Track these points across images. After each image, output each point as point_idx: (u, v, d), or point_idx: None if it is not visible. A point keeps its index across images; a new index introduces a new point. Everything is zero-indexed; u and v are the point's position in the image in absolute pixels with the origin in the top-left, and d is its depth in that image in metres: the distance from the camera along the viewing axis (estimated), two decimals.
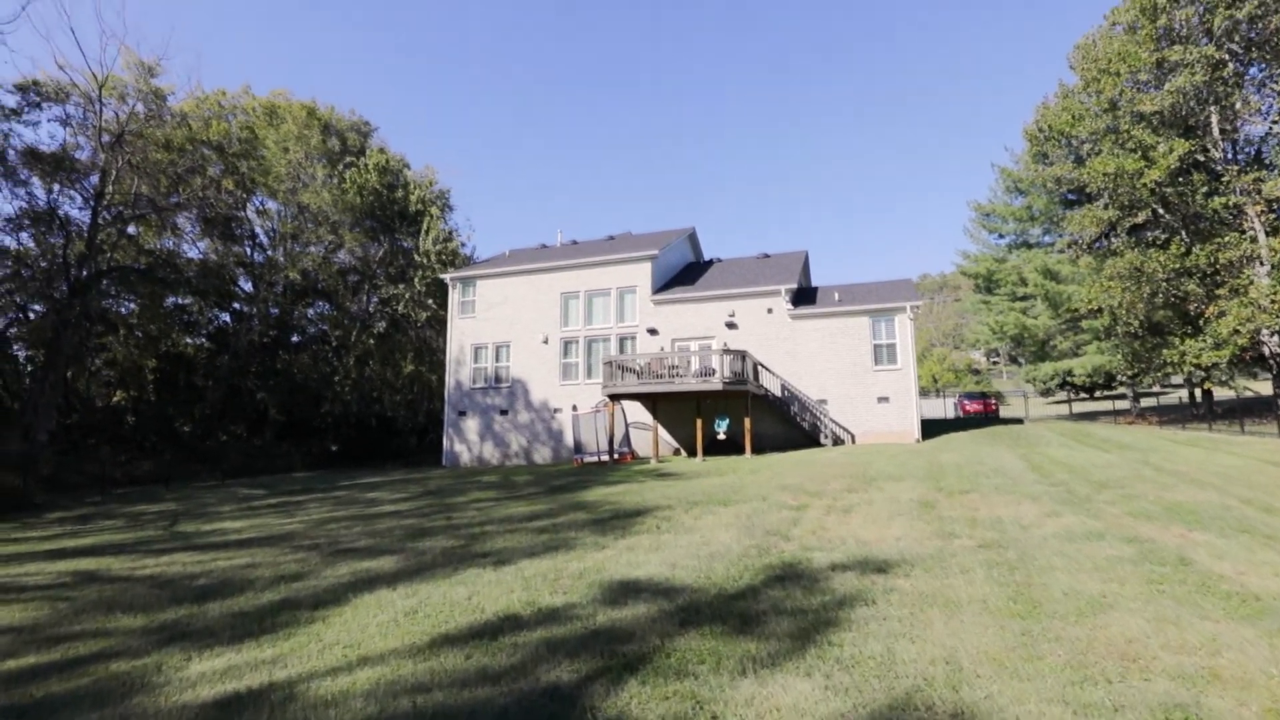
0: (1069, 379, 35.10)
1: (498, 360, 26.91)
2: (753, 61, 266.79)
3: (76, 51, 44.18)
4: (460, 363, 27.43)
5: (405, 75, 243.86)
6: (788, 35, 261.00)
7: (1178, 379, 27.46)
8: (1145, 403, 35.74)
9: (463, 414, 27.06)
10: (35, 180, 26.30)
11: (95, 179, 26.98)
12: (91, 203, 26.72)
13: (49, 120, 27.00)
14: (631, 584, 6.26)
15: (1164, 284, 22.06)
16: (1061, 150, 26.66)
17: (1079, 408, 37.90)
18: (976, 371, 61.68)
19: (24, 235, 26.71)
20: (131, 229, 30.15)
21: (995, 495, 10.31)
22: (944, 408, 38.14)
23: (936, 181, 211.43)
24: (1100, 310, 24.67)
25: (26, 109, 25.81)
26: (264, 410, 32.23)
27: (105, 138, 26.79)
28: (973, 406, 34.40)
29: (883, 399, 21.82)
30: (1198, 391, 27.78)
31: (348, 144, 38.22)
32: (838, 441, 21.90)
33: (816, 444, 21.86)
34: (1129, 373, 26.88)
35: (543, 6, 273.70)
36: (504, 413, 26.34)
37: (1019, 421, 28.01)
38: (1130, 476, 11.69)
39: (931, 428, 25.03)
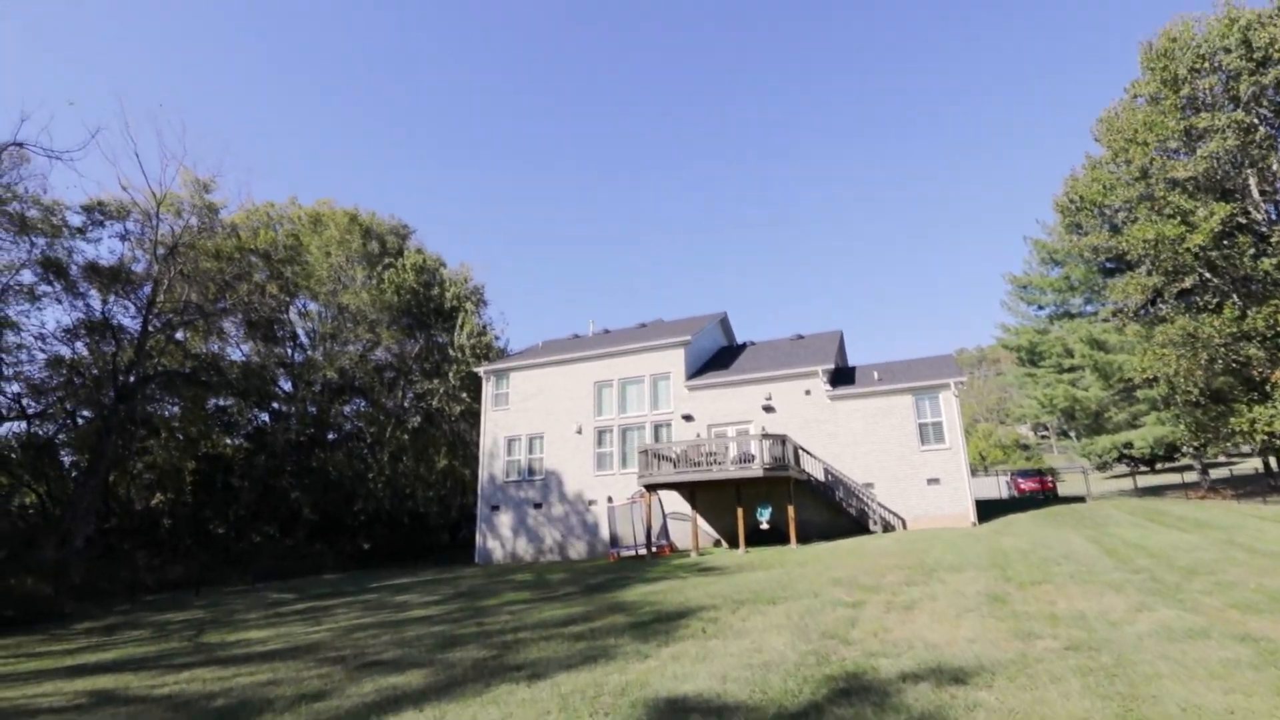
0: (1128, 452, 33.24)
1: (531, 452, 26.59)
2: (776, 145, 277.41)
3: (139, 173, 47.75)
4: (494, 455, 27.17)
5: (437, 167, 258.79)
6: (810, 115, 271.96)
7: (1247, 447, 25.76)
8: (1216, 474, 33.52)
9: (496, 508, 26.53)
10: (93, 292, 27.78)
11: (148, 289, 28.37)
12: (143, 311, 27.98)
13: (109, 236, 28.69)
14: (679, 701, 5.62)
15: (1221, 349, 21.06)
16: (1095, 220, 26.36)
17: (1143, 481, 35.65)
18: (1025, 447, 59.15)
19: (78, 345, 27.92)
20: (179, 335, 31.38)
21: (1072, 586, 9.39)
22: (997, 487, 36.20)
23: (964, 256, 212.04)
24: (1155, 379, 23.58)
25: (90, 227, 27.65)
26: (297, 509, 32.14)
27: (160, 250, 28.36)
28: (1028, 485, 32.58)
29: (933, 480, 20.76)
30: (1273, 460, 25.95)
31: (386, 246, 39.85)
32: (888, 528, 20.73)
33: (865, 531, 20.72)
34: (1194, 443, 25.35)
35: (564, 93, 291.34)
36: (537, 506, 25.76)
37: (1080, 500, 26.38)
38: (1220, 560, 10.63)
39: (986, 509, 23.66)
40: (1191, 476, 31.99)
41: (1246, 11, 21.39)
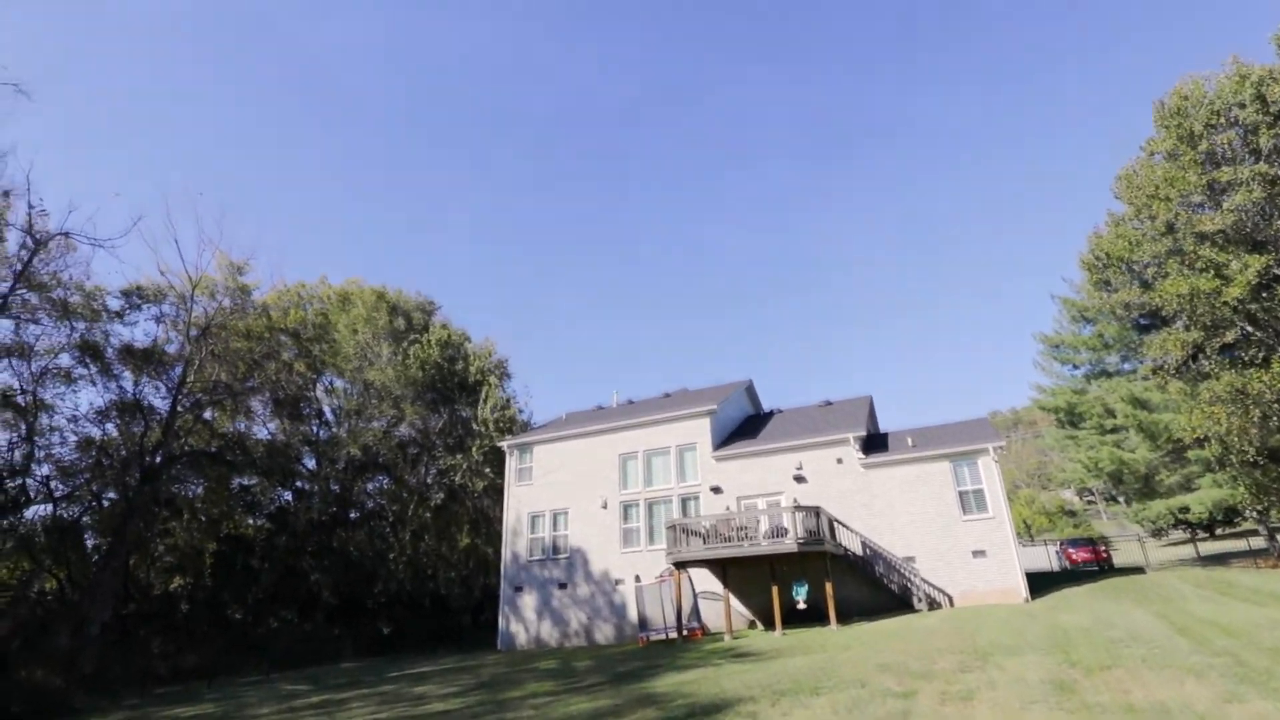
0: (1184, 517, 31.38)
1: (555, 529, 25.84)
2: (794, 218, 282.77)
3: (176, 257, 50.00)
4: (517, 533, 26.45)
5: (464, 243, 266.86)
6: (828, 181, 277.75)
7: None
8: None
9: (519, 589, 25.59)
10: (126, 373, 28.37)
11: (179, 369, 28.90)
12: (173, 392, 28.41)
13: (145, 319, 29.51)
14: None
15: (1275, 405, 20.03)
16: (1124, 276, 25.81)
17: (1205, 548, 33.35)
18: (1072, 513, 56.31)
19: (109, 426, 28.28)
20: (207, 414, 31.70)
21: (1146, 671, 8.49)
22: (1047, 558, 34.09)
23: (989, 316, 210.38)
24: (1206, 439, 22.43)
25: (128, 311, 28.58)
26: (317, 592, 31.41)
27: (193, 331, 29.03)
28: (1080, 555, 30.64)
29: (978, 553, 19.60)
30: None
31: (413, 322, 40.45)
32: (934, 605, 19.45)
33: (909, 608, 19.46)
34: (1257, 507, 23.86)
35: (587, 167, 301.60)
36: (562, 586, 24.79)
37: (1139, 570, 24.67)
38: None
39: (1037, 582, 22.18)
40: (1258, 542, 30.00)
41: (1257, 68, 21.45)
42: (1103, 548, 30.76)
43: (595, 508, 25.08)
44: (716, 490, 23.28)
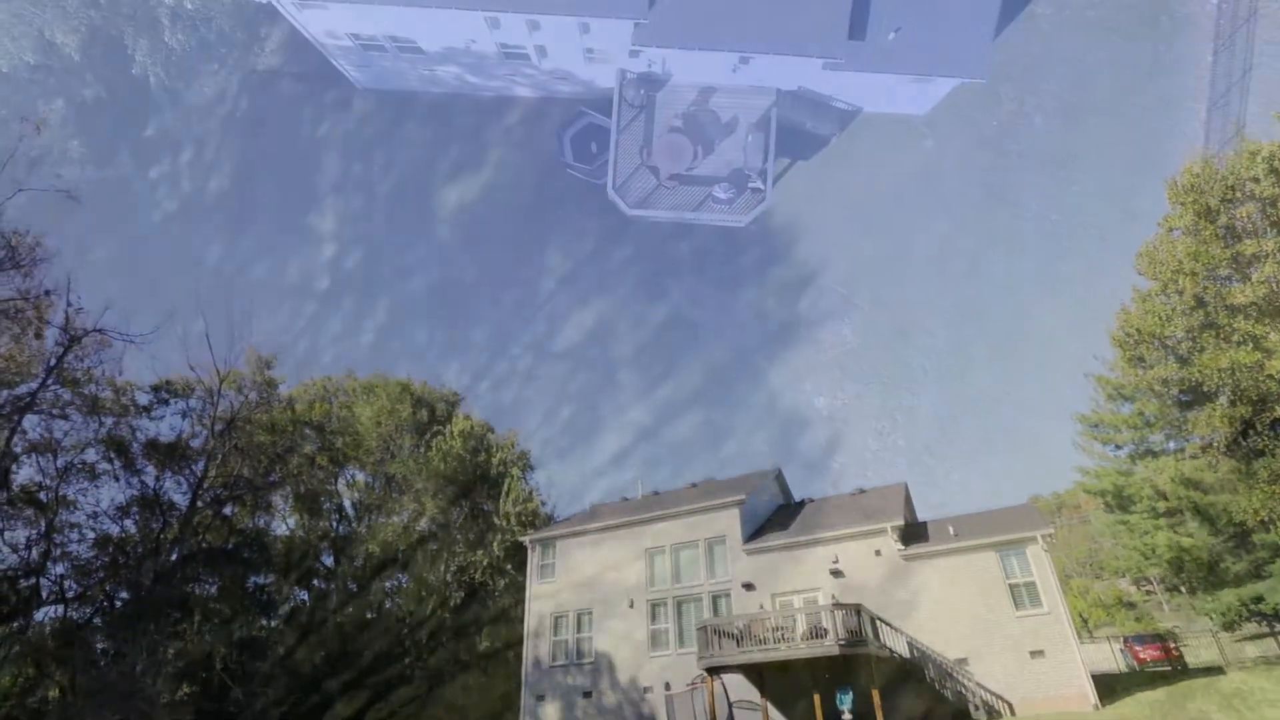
0: (1258, 608, 28.72)
1: (579, 630, 24.43)
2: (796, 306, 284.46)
3: (207, 352, 50.63)
4: (539, 636, 25.03)
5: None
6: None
7: None
8: None
9: (541, 698, 23.93)
10: (149, 468, 28.23)
11: (202, 464, 28.72)
12: (194, 487, 28.12)
13: (171, 414, 29.65)
14: None
15: None
16: (1158, 352, 25.08)
17: None
18: (1131, 605, 52.31)
19: (127, 522, 27.88)
20: (227, 509, 31.21)
21: None
22: (1112, 656, 31.11)
23: (1016, 397, 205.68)
24: (1272, 521, 21.03)
25: (156, 406, 28.75)
26: (329, 701, 29.76)
27: (218, 426, 28.98)
28: (1148, 653, 27.84)
29: (1036, 653, 18.07)
30: None
31: (436, 414, 40.22)
32: (992, 713, 17.77)
33: (966, 718, 17.75)
34: None
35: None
36: (587, 695, 23.14)
37: (1218, 670, 22.46)
38: None
39: (1104, 685, 20.21)
40: None
41: (1266, 145, 21.65)
42: (1173, 644, 28.22)
43: (621, 608, 23.80)
44: (749, 587, 22.03)
